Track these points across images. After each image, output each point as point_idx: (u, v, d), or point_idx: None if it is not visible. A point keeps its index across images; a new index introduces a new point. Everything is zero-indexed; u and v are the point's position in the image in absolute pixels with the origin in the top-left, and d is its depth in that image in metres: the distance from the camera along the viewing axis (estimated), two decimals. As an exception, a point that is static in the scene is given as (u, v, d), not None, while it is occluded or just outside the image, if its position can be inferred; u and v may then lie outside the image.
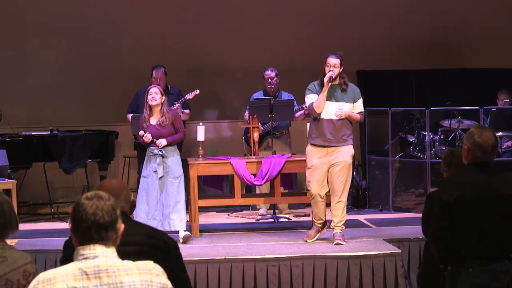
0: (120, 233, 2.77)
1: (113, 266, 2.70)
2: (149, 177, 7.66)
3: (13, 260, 3.45)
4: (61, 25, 10.51)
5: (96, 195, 2.76)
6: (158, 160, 7.61)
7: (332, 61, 7.32)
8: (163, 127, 7.64)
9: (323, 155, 7.32)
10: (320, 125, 7.34)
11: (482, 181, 4.11)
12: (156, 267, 2.78)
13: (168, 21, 10.70)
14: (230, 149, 9.73)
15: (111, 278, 2.67)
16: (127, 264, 2.73)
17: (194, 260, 6.84)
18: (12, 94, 10.48)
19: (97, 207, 2.71)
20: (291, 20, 10.81)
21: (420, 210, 9.15)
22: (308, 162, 7.39)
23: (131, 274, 2.70)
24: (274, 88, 9.21)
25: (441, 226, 4.09)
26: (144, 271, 2.73)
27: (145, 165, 7.75)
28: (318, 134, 7.35)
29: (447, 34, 10.99)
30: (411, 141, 9.67)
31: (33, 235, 8.13)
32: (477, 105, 9.21)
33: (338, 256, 6.95)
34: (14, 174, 9.05)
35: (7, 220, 3.60)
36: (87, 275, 2.67)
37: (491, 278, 4.05)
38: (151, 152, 7.66)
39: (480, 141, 4.12)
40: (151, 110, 7.69)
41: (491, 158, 4.17)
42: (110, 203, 2.74)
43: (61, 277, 2.67)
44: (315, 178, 7.30)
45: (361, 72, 10.62)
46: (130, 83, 10.17)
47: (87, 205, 2.72)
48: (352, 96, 7.41)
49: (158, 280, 2.75)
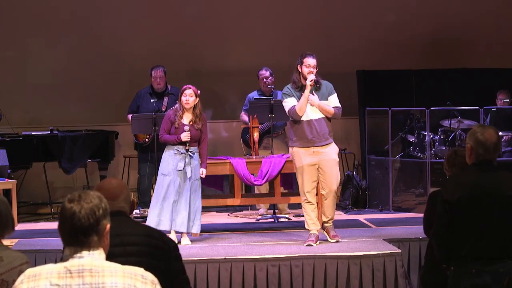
0: (105, 233, 2.75)
1: (98, 266, 2.70)
2: (170, 175, 7.45)
3: (9, 261, 3.45)
4: (61, 25, 10.52)
5: (79, 196, 2.74)
6: (187, 160, 7.47)
7: (311, 61, 7.25)
8: (196, 130, 7.50)
9: (310, 154, 7.27)
10: (300, 128, 7.29)
11: (484, 181, 4.11)
12: (145, 275, 2.74)
13: (168, 21, 10.69)
14: (230, 149, 9.73)
15: (94, 278, 2.67)
16: (113, 266, 2.72)
17: (194, 260, 6.83)
18: (12, 94, 10.48)
19: (75, 211, 2.70)
20: (290, 20, 10.81)
21: (420, 210, 9.19)
22: (298, 163, 7.32)
23: (115, 276, 2.69)
24: (269, 87, 9.26)
25: (443, 225, 4.09)
26: (129, 275, 2.71)
27: (165, 162, 7.51)
28: (298, 137, 7.30)
29: (447, 34, 10.98)
30: (411, 141, 9.67)
31: (33, 235, 8.12)
32: (477, 105, 9.21)
33: (338, 256, 6.95)
34: (14, 174, 9.06)
35: (3, 221, 3.59)
36: (71, 273, 2.68)
37: (493, 278, 4.05)
38: (177, 150, 7.47)
39: (483, 139, 4.12)
40: (183, 108, 7.52)
41: (493, 156, 4.16)
42: (89, 205, 2.71)
43: (46, 274, 2.70)
44: (307, 178, 7.26)
45: (361, 72, 10.62)
46: (130, 83, 10.18)
47: (66, 208, 2.72)
48: (326, 92, 7.37)
49: (142, 287, 2.71)
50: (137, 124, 8.76)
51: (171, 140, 7.50)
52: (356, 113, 10.47)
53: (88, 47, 10.56)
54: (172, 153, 7.50)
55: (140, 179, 9.41)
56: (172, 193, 7.41)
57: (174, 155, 7.49)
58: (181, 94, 7.55)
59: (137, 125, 8.78)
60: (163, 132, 7.57)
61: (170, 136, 7.51)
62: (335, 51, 10.50)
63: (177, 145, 7.49)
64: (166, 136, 7.54)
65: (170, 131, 7.52)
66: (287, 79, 7.54)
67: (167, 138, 7.53)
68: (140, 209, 9.11)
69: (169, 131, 7.53)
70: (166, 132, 7.54)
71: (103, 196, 2.79)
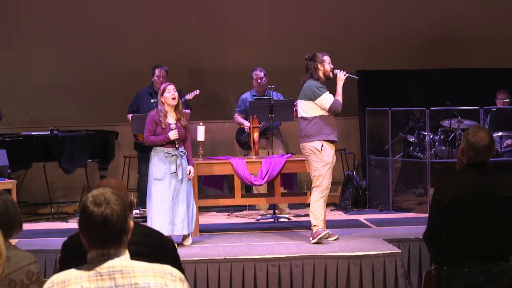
0: (130, 230, 2.73)
1: (127, 267, 2.66)
2: (164, 179, 7.28)
3: (16, 260, 3.43)
4: (61, 25, 10.52)
5: (105, 199, 2.66)
6: (178, 161, 7.31)
7: (330, 59, 7.60)
8: (183, 127, 7.37)
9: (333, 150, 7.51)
10: (332, 121, 7.48)
11: (477, 182, 4.12)
12: (174, 273, 2.72)
13: (168, 21, 10.70)
14: (230, 149, 9.72)
15: (125, 279, 2.64)
16: (141, 265, 2.69)
17: (194, 260, 6.84)
18: (12, 94, 10.49)
19: (107, 215, 2.63)
20: (291, 21, 10.81)
21: (420, 210, 9.21)
22: (327, 158, 7.41)
23: (146, 276, 2.66)
24: (263, 88, 9.28)
25: (436, 225, 4.11)
26: (159, 273, 2.68)
27: (157, 167, 7.31)
28: (331, 130, 7.46)
29: (447, 34, 10.98)
30: (411, 141, 9.67)
31: (33, 235, 8.12)
32: (477, 105, 9.21)
33: (338, 256, 6.95)
34: (14, 174, 9.05)
35: (11, 221, 3.60)
36: (102, 276, 2.64)
37: (486, 278, 4.06)
38: (167, 153, 7.30)
39: (473, 141, 4.13)
40: (167, 106, 7.35)
41: (484, 159, 4.16)
42: (120, 208, 2.66)
43: (75, 279, 2.65)
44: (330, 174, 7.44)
45: (361, 72, 10.61)
46: (130, 83, 10.18)
47: (96, 213, 2.64)
48: None
49: (173, 285, 2.68)
50: (137, 124, 8.75)
51: (158, 141, 7.29)
52: (356, 113, 10.48)
53: (88, 47, 10.56)
54: (163, 156, 7.31)
55: (140, 179, 9.41)
56: (171, 196, 7.29)
57: (165, 158, 7.31)
58: (162, 92, 7.35)
59: (137, 125, 8.77)
60: (148, 134, 7.33)
61: (157, 137, 7.30)
62: (335, 51, 10.46)
63: (166, 147, 7.31)
64: (152, 138, 7.32)
65: (156, 132, 7.34)
66: (287, 79, 7.56)
67: (154, 139, 7.31)
68: (140, 209, 9.12)
69: (154, 133, 7.34)
70: (151, 133, 7.33)
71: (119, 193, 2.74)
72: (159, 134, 7.32)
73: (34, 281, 3.40)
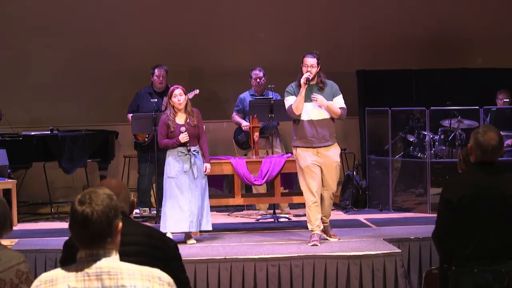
0: (118, 231, 2.72)
1: (115, 268, 2.66)
2: (178, 177, 7.44)
3: (6, 260, 3.43)
4: (61, 25, 10.52)
5: (90, 198, 2.66)
6: (192, 160, 7.46)
7: (309, 61, 7.22)
8: (193, 127, 7.50)
9: (314, 155, 7.27)
10: (301, 127, 7.28)
11: (485, 181, 4.11)
12: (162, 277, 2.71)
13: (168, 21, 10.70)
14: (230, 149, 9.73)
15: (112, 281, 2.64)
16: (130, 267, 2.69)
17: (194, 260, 6.84)
18: (13, 94, 10.49)
19: (87, 215, 2.63)
20: (291, 21, 10.81)
21: (420, 210, 9.21)
22: (302, 163, 7.28)
23: (133, 278, 2.66)
24: (262, 88, 9.27)
25: (445, 225, 4.10)
26: (147, 277, 2.68)
27: (171, 165, 7.48)
28: (299, 136, 7.30)
29: (447, 34, 10.98)
30: (411, 141, 9.66)
31: (33, 235, 8.12)
32: (477, 105, 9.21)
33: (338, 256, 6.95)
34: (14, 174, 9.06)
35: (1, 221, 3.58)
36: (89, 277, 2.64)
37: (494, 278, 4.05)
38: (181, 152, 7.46)
39: (482, 140, 4.12)
40: (175, 110, 7.51)
41: (492, 158, 4.15)
42: (101, 208, 2.64)
43: (63, 278, 2.66)
44: (314, 178, 7.25)
45: (361, 72, 10.62)
46: (130, 83, 10.17)
47: (78, 211, 2.64)
48: (330, 93, 7.32)
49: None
50: (137, 124, 8.76)
51: (170, 144, 7.49)
52: (356, 113, 10.47)
53: (88, 47, 10.56)
54: (176, 155, 7.49)
55: (140, 179, 9.42)
56: (185, 194, 7.40)
57: (178, 157, 7.48)
58: (170, 96, 7.50)
59: (137, 124, 8.78)
60: (161, 137, 7.54)
61: (169, 140, 7.49)
62: (335, 51, 10.50)
63: (178, 148, 7.48)
64: (165, 141, 7.53)
65: (168, 135, 7.51)
66: (287, 79, 7.54)
67: (167, 142, 7.52)
68: (140, 208, 9.13)
69: (167, 135, 7.51)
70: (164, 136, 7.52)
71: (112, 193, 2.73)
72: (170, 136, 7.48)
73: (23, 280, 3.41)
